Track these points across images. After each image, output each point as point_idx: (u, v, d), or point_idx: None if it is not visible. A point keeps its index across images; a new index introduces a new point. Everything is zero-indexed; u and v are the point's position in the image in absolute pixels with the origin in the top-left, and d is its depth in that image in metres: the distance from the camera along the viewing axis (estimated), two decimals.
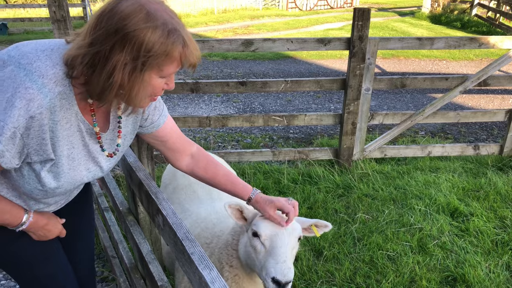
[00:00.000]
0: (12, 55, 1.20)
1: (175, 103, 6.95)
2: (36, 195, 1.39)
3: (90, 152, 1.39)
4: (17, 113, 1.11)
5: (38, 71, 1.16)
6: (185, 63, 1.22)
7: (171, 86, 1.30)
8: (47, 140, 1.21)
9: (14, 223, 1.45)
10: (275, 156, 4.47)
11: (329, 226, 1.73)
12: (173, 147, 1.66)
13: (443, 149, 4.67)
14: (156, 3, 1.18)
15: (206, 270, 1.17)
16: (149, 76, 1.20)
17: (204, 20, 17.35)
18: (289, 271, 1.46)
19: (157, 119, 1.56)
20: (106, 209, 2.93)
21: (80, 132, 1.32)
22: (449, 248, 3.16)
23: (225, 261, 1.74)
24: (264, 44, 3.98)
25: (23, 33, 13.34)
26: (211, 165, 1.71)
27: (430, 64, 10.28)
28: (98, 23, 1.14)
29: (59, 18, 3.48)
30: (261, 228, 1.55)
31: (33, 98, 1.13)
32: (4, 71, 1.15)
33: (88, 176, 1.44)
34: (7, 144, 1.13)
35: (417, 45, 4.18)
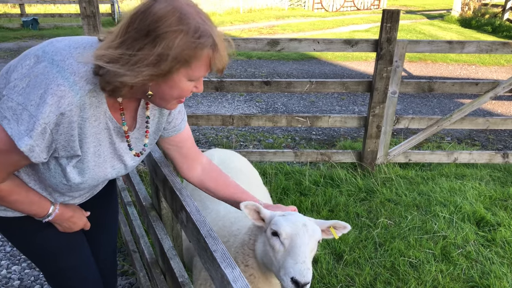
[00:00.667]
0: (46, 50, 1.22)
1: (198, 101, 7.00)
2: (61, 189, 1.41)
3: (116, 150, 1.41)
4: (48, 109, 1.13)
5: (71, 68, 1.17)
6: (213, 67, 1.23)
7: (200, 89, 1.31)
8: (75, 136, 1.23)
9: (41, 214, 1.48)
10: (297, 157, 4.44)
11: (348, 227, 1.70)
12: (187, 154, 1.66)
13: (470, 156, 4.56)
14: (189, 6, 1.18)
15: (228, 268, 1.16)
16: (178, 78, 1.20)
17: (230, 19, 17.41)
18: (308, 271, 1.44)
19: (179, 123, 1.58)
20: (129, 204, 2.96)
21: (107, 130, 1.34)
22: (474, 258, 3.08)
23: (240, 260, 1.73)
24: (290, 44, 3.95)
25: (53, 28, 13.66)
26: (221, 177, 1.72)
27: (458, 69, 10.05)
28: (131, 24, 1.14)
29: (89, 14, 3.54)
30: (282, 227, 1.54)
31: (64, 95, 1.14)
32: (38, 67, 1.17)
33: (112, 173, 1.46)
34: (37, 139, 1.15)
35: (447, 48, 4.09)
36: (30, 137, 1.13)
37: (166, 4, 1.14)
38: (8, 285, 2.86)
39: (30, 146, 1.15)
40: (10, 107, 1.14)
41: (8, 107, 1.14)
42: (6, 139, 1.16)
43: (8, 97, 1.15)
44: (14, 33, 12.60)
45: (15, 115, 1.14)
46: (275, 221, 1.58)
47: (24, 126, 1.13)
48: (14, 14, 14.17)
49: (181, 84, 1.23)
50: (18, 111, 1.13)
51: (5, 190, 1.33)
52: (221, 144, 5.17)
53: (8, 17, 14.26)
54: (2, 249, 3.20)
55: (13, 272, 2.97)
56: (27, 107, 1.13)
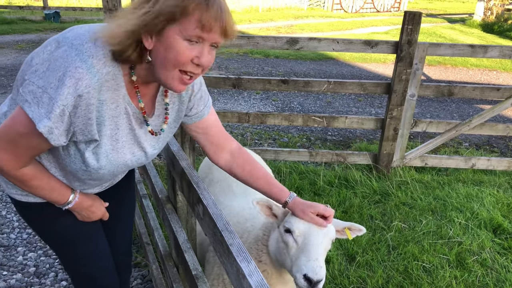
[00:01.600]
0: (66, 36, 1.24)
1: (215, 98, 7.02)
2: (81, 175, 1.43)
3: (136, 136, 1.41)
4: (66, 91, 1.14)
5: (89, 51, 1.19)
6: (206, 23, 1.17)
7: (203, 61, 1.23)
8: (92, 120, 1.23)
9: (61, 201, 1.50)
10: (312, 157, 4.42)
11: (363, 230, 1.69)
12: (213, 141, 1.65)
13: (489, 162, 4.48)
14: None
15: (244, 262, 1.17)
16: (171, 35, 1.18)
17: (248, 17, 17.42)
18: (320, 269, 1.44)
19: (201, 109, 1.57)
20: (144, 196, 2.99)
21: (127, 115, 1.34)
22: (489, 265, 3.03)
23: (254, 256, 1.74)
24: (310, 43, 3.94)
25: (74, 21, 13.87)
26: (249, 164, 1.68)
27: (479, 74, 9.89)
28: None
29: (111, 7, 3.58)
30: (295, 225, 1.54)
31: (82, 77, 1.16)
32: (58, 51, 1.19)
33: (133, 160, 1.46)
34: (56, 122, 1.17)
35: (469, 52, 4.03)
36: (49, 119, 1.15)
37: None
38: (24, 271, 2.91)
39: (49, 128, 1.17)
40: (31, 90, 1.16)
41: (29, 90, 1.17)
42: (27, 122, 1.18)
43: (29, 81, 1.17)
44: (37, 25, 12.82)
45: (36, 98, 1.16)
46: (289, 218, 1.58)
47: (44, 109, 1.15)
48: (37, 6, 14.41)
49: (175, 43, 1.18)
50: (38, 94, 1.15)
51: (27, 174, 1.35)
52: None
53: (31, 10, 14.51)
54: (19, 236, 3.26)
55: (29, 258, 3.03)
56: (47, 90, 1.15)
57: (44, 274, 2.90)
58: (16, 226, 3.37)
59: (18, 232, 3.30)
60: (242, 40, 3.90)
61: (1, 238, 3.22)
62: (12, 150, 1.26)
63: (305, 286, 1.43)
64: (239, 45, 3.95)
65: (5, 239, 3.21)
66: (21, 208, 1.59)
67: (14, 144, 1.25)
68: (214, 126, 1.65)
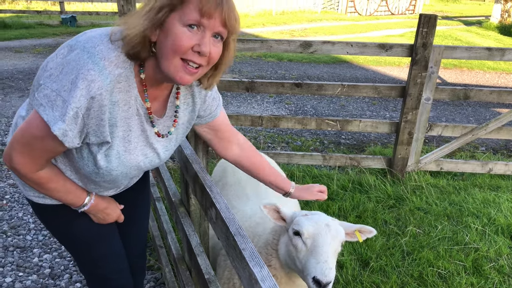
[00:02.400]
0: (79, 40, 1.25)
1: (228, 101, 7.04)
2: (95, 178, 1.44)
3: (148, 137, 1.42)
4: (79, 93, 1.15)
5: (100, 53, 1.20)
6: (206, 9, 1.16)
7: (203, 49, 1.20)
8: (105, 121, 1.24)
9: (77, 203, 1.52)
10: (325, 161, 4.40)
11: (374, 232, 1.69)
12: (223, 136, 1.70)
13: (506, 167, 4.40)
14: None
15: (257, 267, 1.16)
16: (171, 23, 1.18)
17: (262, 21, 17.45)
18: (330, 271, 1.43)
19: (214, 109, 1.59)
20: (158, 199, 3.00)
21: (139, 116, 1.35)
22: (507, 272, 2.97)
23: (264, 260, 1.73)
24: (323, 46, 3.93)
25: (89, 25, 14.04)
26: (256, 156, 1.77)
27: (496, 77, 9.73)
28: None
29: (126, 11, 3.62)
30: (304, 227, 1.54)
31: (94, 80, 1.17)
32: (71, 55, 1.21)
33: (145, 162, 1.46)
34: (70, 124, 1.18)
35: (485, 55, 3.97)
36: (63, 121, 1.17)
37: None
38: (39, 272, 2.95)
39: (64, 130, 1.18)
40: (46, 94, 1.18)
41: (44, 94, 1.18)
42: (42, 125, 1.20)
43: (44, 85, 1.19)
44: (53, 29, 13.03)
45: (50, 101, 1.17)
46: (297, 220, 1.58)
47: (58, 112, 1.17)
48: (54, 11, 14.65)
49: (174, 29, 1.18)
50: (52, 98, 1.17)
51: (44, 177, 1.37)
52: None
53: (48, 14, 14.76)
54: (35, 237, 3.31)
55: (44, 260, 3.07)
56: (60, 93, 1.16)
57: (59, 276, 2.93)
58: (32, 228, 3.42)
59: (34, 234, 3.35)
60: (256, 44, 3.90)
61: (18, 240, 3.27)
62: (29, 153, 1.28)
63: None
64: (253, 49, 3.95)
65: (21, 241, 3.25)
66: (38, 210, 1.62)
67: (30, 148, 1.27)
68: (224, 123, 1.69)
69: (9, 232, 3.35)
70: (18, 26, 12.95)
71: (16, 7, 17.10)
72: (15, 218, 3.54)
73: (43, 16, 14.79)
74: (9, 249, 3.15)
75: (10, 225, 3.43)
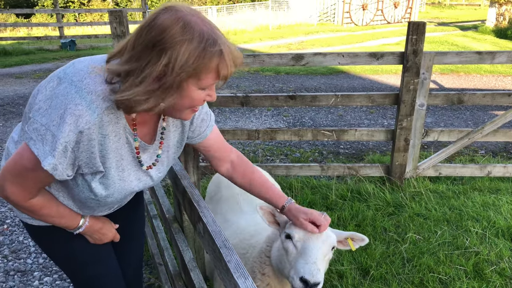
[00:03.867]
0: (67, 72, 1.27)
1: (226, 116, 7.09)
2: (90, 203, 1.47)
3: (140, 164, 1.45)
4: (67, 128, 1.17)
5: (87, 87, 1.22)
6: (221, 74, 1.23)
7: (213, 97, 1.31)
8: (95, 153, 1.27)
9: (72, 226, 1.54)
10: (324, 171, 4.40)
11: (366, 240, 1.69)
12: (215, 155, 1.73)
13: (505, 169, 4.39)
14: (193, 14, 1.19)
15: (241, 278, 1.17)
16: (188, 88, 1.22)
17: (259, 36, 17.63)
18: (318, 272, 1.43)
19: (203, 130, 1.61)
20: (155, 217, 3.02)
21: (129, 144, 1.37)
22: (508, 275, 2.94)
23: (257, 269, 1.74)
24: (315, 58, 3.97)
25: (89, 49, 14.24)
26: (249, 171, 1.77)
27: (493, 80, 9.75)
28: (138, 38, 1.18)
29: (119, 33, 3.68)
30: (295, 230, 1.56)
31: (82, 114, 1.19)
32: (59, 88, 1.23)
33: (139, 186, 1.50)
34: (59, 158, 1.20)
35: (476, 59, 4.00)
36: (53, 156, 1.19)
37: (169, 14, 1.17)
38: None
39: (54, 165, 1.20)
40: (35, 128, 1.20)
41: (33, 128, 1.21)
42: (32, 157, 1.22)
43: (33, 119, 1.22)
44: (53, 54, 13.21)
45: (40, 135, 1.19)
46: (290, 224, 1.60)
47: (48, 146, 1.19)
48: (53, 36, 14.88)
49: (191, 94, 1.24)
50: (42, 132, 1.19)
51: (36, 205, 1.39)
52: (248, 158, 5.19)
53: (48, 40, 14.99)
54: (35, 260, 3.32)
55: (44, 283, 3.07)
56: (49, 127, 1.19)
57: None
58: (33, 251, 3.43)
59: (34, 257, 3.36)
60: (248, 59, 3.95)
61: (18, 264, 3.28)
62: (21, 183, 1.31)
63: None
64: (246, 64, 4.00)
65: (21, 264, 3.27)
66: (33, 232, 1.63)
67: (22, 178, 1.29)
68: (216, 142, 1.70)
69: (10, 257, 3.36)
70: (19, 52, 13.14)
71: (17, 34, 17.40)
72: (16, 242, 3.55)
73: (43, 41, 15.03)
74: (10, 273, 3.17)
75: (11, 250, 3.45)
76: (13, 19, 23.31)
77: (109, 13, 3.60)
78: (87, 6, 27.61)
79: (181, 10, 1.19)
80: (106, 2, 27.11)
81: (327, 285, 2.88)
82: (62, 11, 14.51)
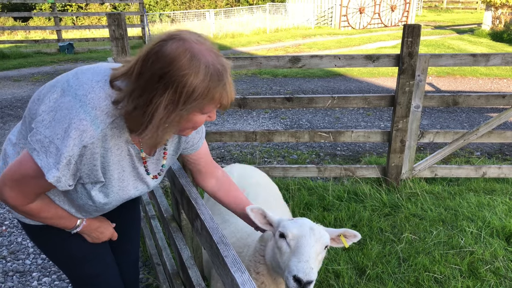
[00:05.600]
0: (71, 84, 1.29)
1: (224, 118, 7.12)
2: (88, 209, 1.51)
3: (139, 174, 1.49)
4: (72, 143, 1.20)
5: (92, 103, 1.24)
6: (224, 102, 1.28)
7: (213, 118, 1.36)
8: (97, 166, 1.31)
9: (70, 226, 1.58)
10: (321, 173, 4.44)
11: (358, 236, 1.72)
12: (201, 169, 1.76)
13: (500, 170, 4.43)
14: (200, 43, 1.21)
15: (238, 272, 1.20)
16: (191, 114, 1.26)
17: (257, 39, 17.69)
18: (311, 271, 1.46)
19: (197, 142, 1.65)
20: (153, 217, 3.04)
21: (130, 156, 1.41)
22: (503, 274, 2.98)
23: (252, 268, 1.77)
24: (311, 60, 4.01)
25: (87, 52, 14.26)
26: (233, 190, 1.80)
27: (489, 83, 9.82)
28: (144, 64, 1.19)
29: (118, 36, 3.71)
30: (289, 229, 1.59)
31: (86, 130, 1.22)
32: (63, 101, 1.25)
33: (136, 193, 1.55)
34: (63, 170, 1.23)
35: (471, 61, 4.04)
36: (57, 169, 1.22)
37: (177, 44, 1.18)
38: None
39: (58, 177, 1.24)
40: (39, 139, 1.23)
41: (37, 139, 1.23)
42: (35, 167, 1.25)
43: (37, 130, 1.24)
44: (51, 57, 13.22)
45: (44, 147, 1.22)
46: (283, 224, 1.63)
47: (52, 159, 1.22)
48: (51, 39, 14.89)
49: (194, 118, 1.29)
50: (46, 144, 1.22)
51: (34, 209, 1.42)
52: (245, 160, 5.23)
53: (46, 43, 15.01)
54: (34, 261, 3.34)
55: (43, 283, 3.09)
56: (53, 140, 1.21)
57: None
58: (31, 252, 3.45)
59: (33, 258, 3.38)
60: (246, 61, 3.99)
61: (17, 264, 3.30)
62: (20, 189, 1.33)
63: (295, 287, 1.45)
64: (243, 66, 4.03)
65: (20, 265, 3.28)
66: (30, 231, 1.66)
67: (22, 184, 1.32)
68: (205, 155, 1.74)
69: (8, 257, 3.38)
70: (17, 56, 13.15)
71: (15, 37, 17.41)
72: (14, 243, 3.57)
73: (41, 45, 15.04)
74: (9, 274, 3.18)
75: (10, 250, 3.47)
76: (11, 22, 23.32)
77: (108, 16, 3.63)
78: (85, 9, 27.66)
79: (189, 40, 1.20)
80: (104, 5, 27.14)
81: (324, 284, 2.91)
82: (60, 14, 14.52)
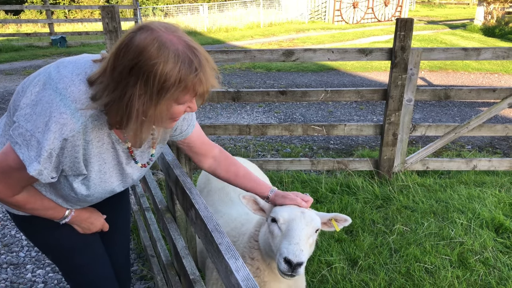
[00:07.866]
0: (52, 77, 1.29)
1: (218, 112, 7.13)
2: (71, 200, 1.52)
3: (122, 167, 1.50)
4: (52, 136, 1.21)
5: (72, 96, 1.25)
6: (200, 91, 1.26)
7: (194, 109, 1.34)
8: (79, 158, 1.32)
9: (58, 217, 1.59)
10: (314, 166, 4.47)
11: (349, 220, 1.76)
12: (197, 151, 1.77)
13: (490, 163, 4.49)
14: (170, 32, 1.21)
15: (232, 259, 1.23)
16: (166, 104, 1.25)
17: (250, 33, 17.67)
18: (301, 252, 1.49)
19: (185, 129, 1.65)
20: (147, 209, 3.06)
21: (114, 149, 1.42)
22: (492, 264, 3.04)
23: (247, 254, 1.80)
24: (305, 54, 4.03)
25: (79, 45, 14.17)
26: (231, 165, 1.81)
27: (480, 78, 9.91)
28: (116, 58, 1.20)
29: (111, 29, 3.71)
30: (280, 213, 1.62)
31: (66, 123, 1.22)
32: (43, 94, 1.26)
33: (120, 186, 1.56)
34: (44, 163, 1.24)
35: (462, 55, 4.09)
36: (38, 162, 1.23)
37: (145, 35, 1.18)
38: None
39: (39, 170, 1.24)
40: (20, 133, 1.24)
41: (18, 133, 1.24)
42: (18, 160, 1.26)
43: (18, 123, 1.25)
44: (43, 51, 13.13)
45: (25, 141, 1.23)
46: (275, 209, 1.66)
47: (33, 152, 1.23)
48: (43, 33, 14.76)
49: (170, 109, 1.28)
50: (27, 137, 1.23)
51: (21, 200, 1.43)
52: (239, 153, 5.25)
53: (38, 36, 14.87)
54: (27, 254, 3.34)
55: (37, 275, 3.10)
56: (34, 133, 1.22)
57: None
58: (25, 245, 3.45)
59: (26, 251, 3.38)
60: (239, 54, 4.00)
61: (11, 257, 3.30)
62: (5, 181, 1.34)
63: (286, 269, 1.49)
64: (237, 59, 4.04)
65: (14, 258, 3.29)
66: (19, 222, 1.66)
67: (6, 176, 1.33)
68: (198, 138, 1.75)
69: (2, 250, 3.38)
70: (8, 49, 13.04)
71: (6, 31, 17.22)
72: (8, 236, 3.57)
73: (33, 38, 14.90)
74: (3, 266, 3.19)
75: (3, 243, 3.47)
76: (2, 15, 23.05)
77: (101, 9, 3.63)
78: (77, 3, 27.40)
79: (157, 29, 1.20)
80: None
81: (316, 275, 2.95)
82: (52, 7, 14.38)
